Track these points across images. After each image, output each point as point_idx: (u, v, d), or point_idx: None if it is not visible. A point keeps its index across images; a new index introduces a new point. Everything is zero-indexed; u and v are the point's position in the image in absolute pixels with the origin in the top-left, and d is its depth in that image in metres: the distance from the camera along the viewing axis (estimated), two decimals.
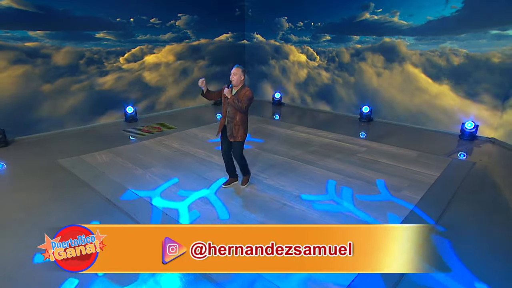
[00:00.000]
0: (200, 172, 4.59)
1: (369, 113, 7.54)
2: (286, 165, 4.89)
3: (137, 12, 7.22)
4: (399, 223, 3.34)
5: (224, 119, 3.74)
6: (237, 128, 3.68)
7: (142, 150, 5.51)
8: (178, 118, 7.79)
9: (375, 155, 5.35)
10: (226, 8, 9.14)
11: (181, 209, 3.59)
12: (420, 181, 4.37)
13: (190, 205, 3.68)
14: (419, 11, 6.52)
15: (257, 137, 6.23)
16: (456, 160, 5.27)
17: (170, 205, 3.68)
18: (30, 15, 5.73)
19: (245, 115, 3.70)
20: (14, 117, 5.82)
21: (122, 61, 7.21)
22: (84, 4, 6.33)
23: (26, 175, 4.51)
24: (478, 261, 2.76)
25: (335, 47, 8.03)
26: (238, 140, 3.75)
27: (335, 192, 4.02)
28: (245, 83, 3.69)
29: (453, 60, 6.33)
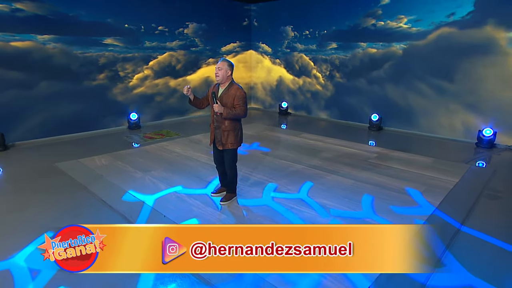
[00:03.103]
0: (202, 175, 4.37)
1: (378, 121, 7.31)
2: (293, 169, 4.64)
3: (146, 19, 7.25)
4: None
5: (212, 124, 3.31)
6: (226, 134, 3.21)
7: (143, 155, 5.32)
8: (183, 126, 7.66)
9: (387, 161, 5.08)
10: (234, 17, 9.20)
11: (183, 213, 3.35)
12: (437, 186, 4.07)
13: (191, 207, 3.44)
14: (428, 15, 6.39)
15: (263, 145, 6.02)
16: (475, 167, 4.96)
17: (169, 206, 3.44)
18: (40, 19, 5.76)
19: (237, 119, 3.24)
20: (14, 121, 5.73)
21: (127, 68, 7.16)
22: (93, 10, 6.38)
23: (22, 177, 4.35)
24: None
25: (341, 54, 7.91)
26: (228, 148, 3.27)
27: (352, 199, 3.74)
28: (233, 79, 3.21)
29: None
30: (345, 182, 4.20)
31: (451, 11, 6.09)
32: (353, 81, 7.82)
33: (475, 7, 5.83)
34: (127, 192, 3.80)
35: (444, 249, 2.74)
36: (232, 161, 3.38)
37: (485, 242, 2.88)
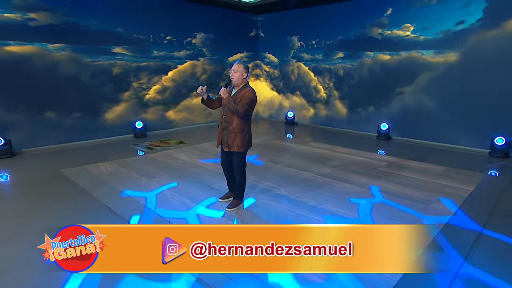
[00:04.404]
0: (208, 182, 4.27)
1: (387, 130, 7.19)
2: (301, 177, 4.52)
3: (155, 29, 7.35)
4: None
5: (221, 125, 3.26)
6: (233, 136, 3.13)
7: (148, 162, 5.27)
8: (190, 134, 7.63)
9: (398, 169, 4.93)
10: (242, 28, 9.31)
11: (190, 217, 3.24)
12: (452, 194, 3.91)
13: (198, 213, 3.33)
14: (436, 24, 6.35)
15: (269, 153, 5.92)
16: (490, 176, 4.78)
17: (179, 215, 3.34)
18: (52, 28, 5.86)
19: (245, 122, 3.16)
20: (21, 129, 5.74)
21: (132, 78, 7.22)
22: (103, 19, 6.49)
23: (27, 183, 4.32)
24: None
25: (348, 63, 7.88)
26: (235, 151, 3.18)
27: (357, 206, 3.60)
28: (248, 82, 3.23)
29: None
30: (355, 190, 4.06)
31: (460, 19, 6.05)
32: (360, 90, 7.75)
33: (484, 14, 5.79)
34: (126, 193, 3.72)
35: (467, 252, 2.63)
36: (240, 166, 3.29)
37: (508, 245, 2.77)
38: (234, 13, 8.88)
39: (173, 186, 4.13)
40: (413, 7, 6.62)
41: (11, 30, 5.47)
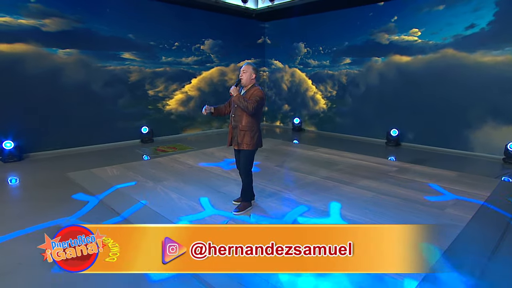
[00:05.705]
0: (216, 186, 4.21)
1: (397, 136, 7.06)
2: (309, 181, 4.43)
3: (164, 35, 7.43)
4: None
5: (230, 124, 3.29)
6: (242, 134, 3.17)
7: (155, 166, 5.23)
8: (196, 140, 7.60)
9: (409, 174, 4.81)
10: (249, 35, 9.37)
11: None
12: (467, 199, 3.77)
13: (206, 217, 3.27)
14: (445, 28, 6.28)
15: (275, 158, 5.85)
16: (506, 182, 4.62)
17: (186, 218, 3.27)
18: (64, 34, 5.96)
19: (254, 120, 3.19)
20: (30, 133, 5.78)
21: (147, 86, 7.27)
22: (113, 26, 6.59)
23: (34, 186, 4.32)
24: None
25: (356, 69, 7.83)
26: (243, 149, 3.21)
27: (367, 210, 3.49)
28: (256, 83, 3.27)
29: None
30: (365, 194, 3.95)
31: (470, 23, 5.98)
32: (367, 95, 7.67)
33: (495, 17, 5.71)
34: (131, 197, 3.67)
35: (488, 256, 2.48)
36: (246, 164, 3.27)
37: None
38: (241, 20, 8.95)
39: (179, 189, 4.07)
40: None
41: (27, 35, 5.57)
